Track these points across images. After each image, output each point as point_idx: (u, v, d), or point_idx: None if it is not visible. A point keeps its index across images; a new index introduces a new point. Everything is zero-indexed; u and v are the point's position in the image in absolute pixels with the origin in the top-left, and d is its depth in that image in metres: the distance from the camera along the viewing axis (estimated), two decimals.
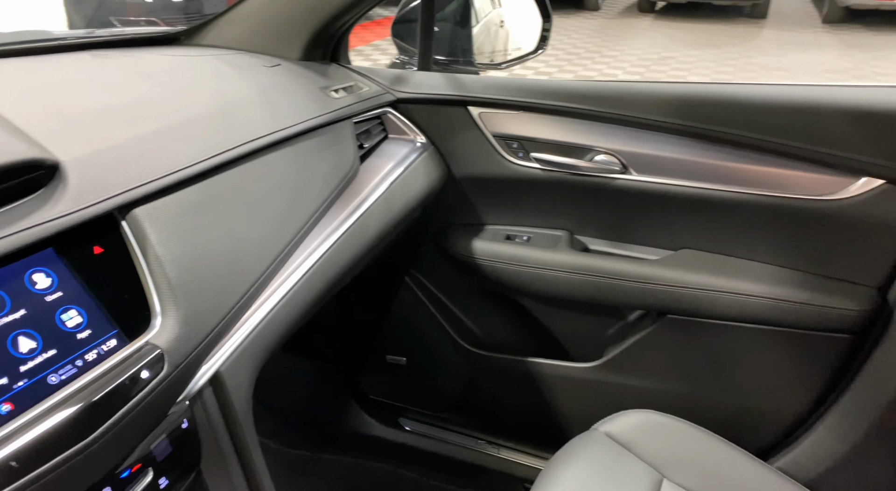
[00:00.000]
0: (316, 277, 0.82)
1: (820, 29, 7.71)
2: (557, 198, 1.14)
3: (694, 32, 7.58)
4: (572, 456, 0.91)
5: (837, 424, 1.03)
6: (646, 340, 1.13)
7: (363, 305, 1.37)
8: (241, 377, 0.70)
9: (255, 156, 0.80)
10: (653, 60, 6.26)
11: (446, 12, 1.34)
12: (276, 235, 0.78)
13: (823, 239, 0.98)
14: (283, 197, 0.82)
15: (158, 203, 0.65)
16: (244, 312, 0.72)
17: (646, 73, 5.85)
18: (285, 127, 0.86)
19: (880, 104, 0.89)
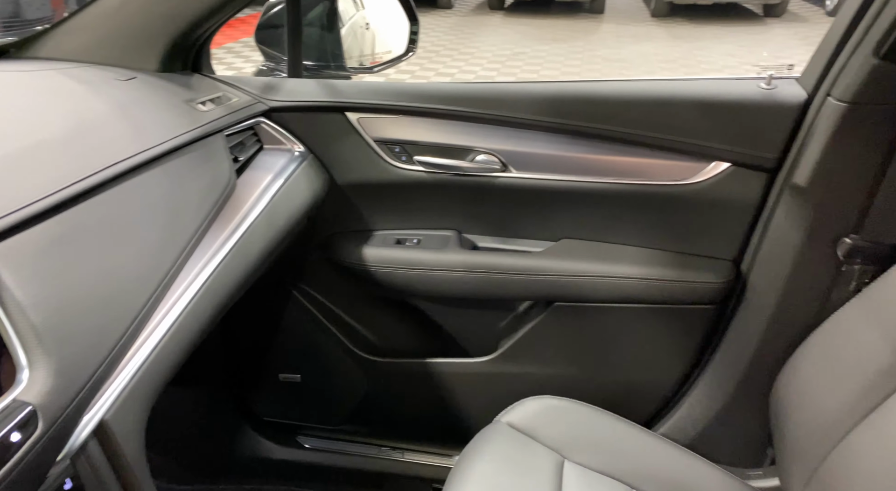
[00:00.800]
0: (202, 303, 0.77)
1: (650, 22, 8.45)
2: (443, 199, 1.15)
3: (541, 28, 8.00)
4: (478, 450, 0.93)
5: (709, 387, 1.14)
6: (537, 328, 1.18)
7: (249, 325, 1.31)
8: (129, 423, 0.64)
9: (119, 180, 0.73)
10: (507, 56, 6.52)
11: (311, 16, 1.31)
12: (154, 264, 0.72)
13: (685, 220, 1.08)
14: (158, 222, 0.76)
15: (12, 242, 0.58)
16: (126, 351, 0.66)
17: (502, 68, 6.08)
18: (151, 146, 0.80)
19: (723, 95, 0.99)
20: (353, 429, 1.36)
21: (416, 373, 1.27)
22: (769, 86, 0.98)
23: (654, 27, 8.12)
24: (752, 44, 7.09)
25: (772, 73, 0.98)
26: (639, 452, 0.96)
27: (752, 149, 0.99)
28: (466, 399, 1.26)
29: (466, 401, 1.26)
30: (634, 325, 1.14)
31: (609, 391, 1.20)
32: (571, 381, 1.20)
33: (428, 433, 1.33)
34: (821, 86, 0.93)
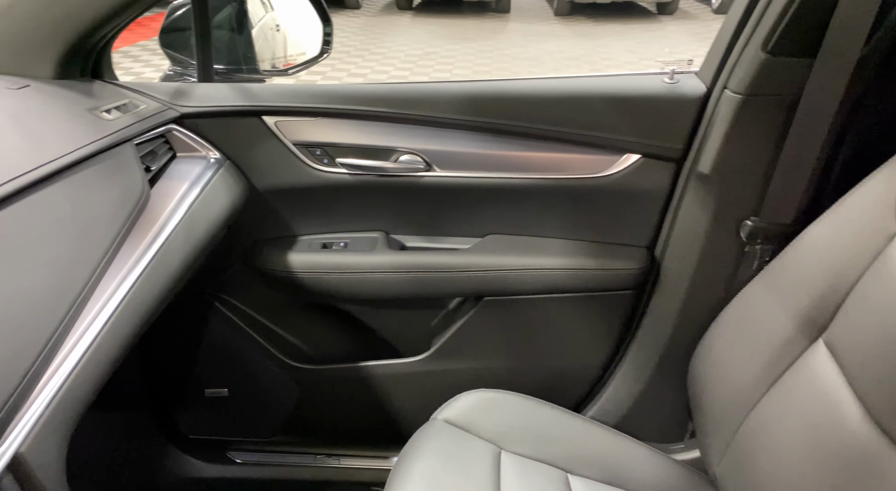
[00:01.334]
0: (120, 322, 0.73)
1: (554, 21, 8.72)
2: (369, 201, 1.14)
3: (451, 27, 8.08)
4: (417, 449, 0.94)
5: (631, 369, 1.20)
6: (468, 324, 1.19)
7: (170, 341, 1.25)
8: (47, 455, 0.60)
9: (18, 197, 0.69)
10: (418, 56, 6.54)
11: (219, 19, 1.26)
12: (65, 284, 0.68)
13: (601, 211, 1.12)
14: (66, 239, 0.71)
15: None
16: (39, 378, 0.62)
17: (414, 68, 6.10)
18: (52, 159, 0.75)
19: (631, 90, 1.04)
20: (286, 439, 1.33)
21: (348, 378, 1.26)
22: (672, 80, 1.04)
23: (558, 26, 8.39)
24: (649, 40, 7.47)
25: (674, 68, 1.04)
26: (571, 436, 1.00)
27: (659, 140, 1.05)
28: (402, 400, 1.26)
29: (402, 401, 1.26)
30: (560, 314, 1.18)
31: (540, 380, 1.23)
32: (504, 372, 1.23)
33: (365, 437, 1.32)
34: (718, 79, 0.99)
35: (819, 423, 0.75)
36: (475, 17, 8.82)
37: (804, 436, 0.76)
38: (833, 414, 0.73)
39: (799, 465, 0.75)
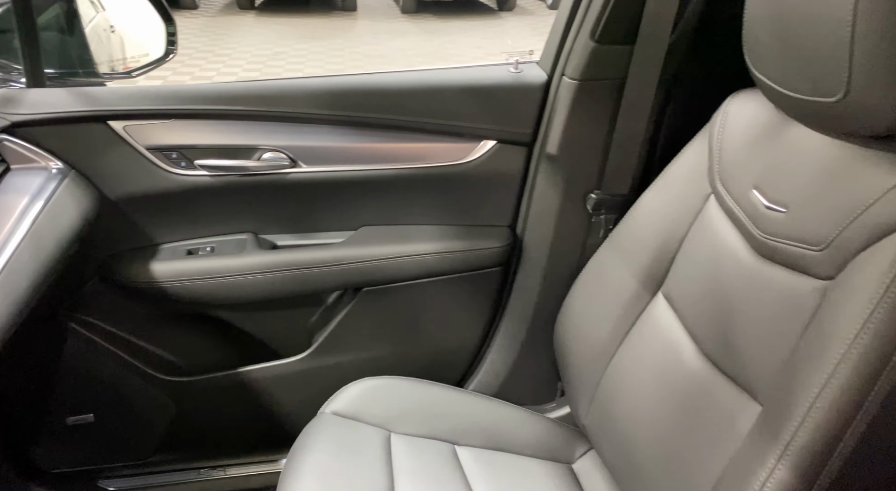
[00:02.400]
0: None
1: (402, 18, 8.83)
2: (233, 202, 1.12)
3: (297, 27, 7.90)
4: (306, 444, 0.94)
5: (505, 340, 1.28)
6: (349, 316, 1.21)
7: (22, 371, 1.15)
8: None
9: None
10: (267, 56, 6.34)
11: (45, 19, 1.17)
12: None
13: (465, 195, 1.19)
14: None
15: None
16: None
17: (263, 68, 5.91)
18: None
19: (482, 81, 1.11)
20: (165, 458, 1.27)
21: (227, 386, 1.22)
22: (517, 70, 1.12)
23: (406, 23, 8.50)
24: (493, 35, 7.80)
25: (517, 58, 1.12)
26: (456, 410, 1.06)
27: (511, 126, 1.13)
28: (287, 400, 1.25)
29: (287, 402, 1.25)
30: (435, 296, 1.23)
31: (422, 362, 1.28)
32: (387, 359, 1.26)
33: (251, 443, 1.29)
34: (556, 67, 1.09)
35: (663, 364, 0.86)
36: (322, 16, 8.70)
37: (652, 376, 0.87)
38: (673, 355, 0.85)
39: (649, 401, 0.86)
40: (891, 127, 0.61)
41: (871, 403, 0.60)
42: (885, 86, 0.58)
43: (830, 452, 0.61)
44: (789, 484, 0.63)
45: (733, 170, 0.82)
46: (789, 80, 0.66)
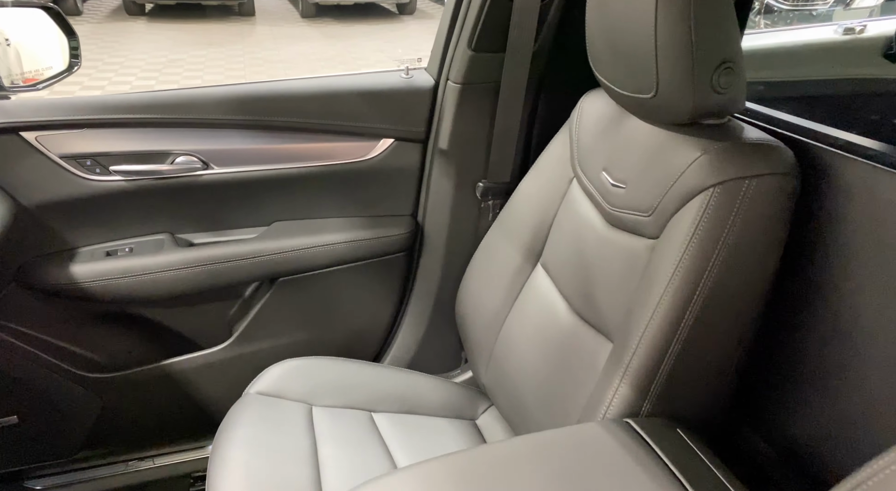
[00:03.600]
0: None
1: (302, 23, 8.79)
2: (149, 204, 1.19)
3: (192, 33, 7.70)
4: (233, 423, 1.03)
5: (413, 317, 1.42)
6: (266, 306, 1.31)
7: None
8: None
9: None
10: (163, 64, 6.17)
11: None
12: None
13: (370, 189, 1.32)
14: None
15: None
16: None
17: (160, 76, 5.75)
18: None
19: (378, 85, 1.24)
20: (91, 454, 1.31)
21: (152, 378, 1.29)
22: (408, 76, 1.26)
23: (307, 28, 8.48)
24: (395, 39, 7.94)
25: (408, 65, 1.26)
26: (371, 382, 1.18)
27: (406, 126, 1.27)
28: (211, 389, 1.33)
29: (211, 390, 1.33)
30: (347, 282, 1.35)
31: (340, 342, 1.39)
32: (306, 343, 1.37)
33: (179, 432, 1.36)
34: (441, 72, 1.24)
35: (543, 323, 1.03)
36: (219, 22, 8.51)
37: (535, 334, 1.03)
38: (551, 314, 1.01)
39: (532, 355, 1.02)
40: (691, 116, 0.80)
41: (684, 328, 0.79)
42: (681, 86, 0.76)
43: (657, 367, 0.79)
44: (629, 397, 0.81)
45: (587, 156, 1.00)
46: (620, 80, 0.84)
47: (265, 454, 0.97)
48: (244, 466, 0.95)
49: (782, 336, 0.94)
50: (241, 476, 0.94)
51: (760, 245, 0.79)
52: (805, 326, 0.91)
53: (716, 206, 0.78)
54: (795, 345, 0.92)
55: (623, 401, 0.81)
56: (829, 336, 0.87)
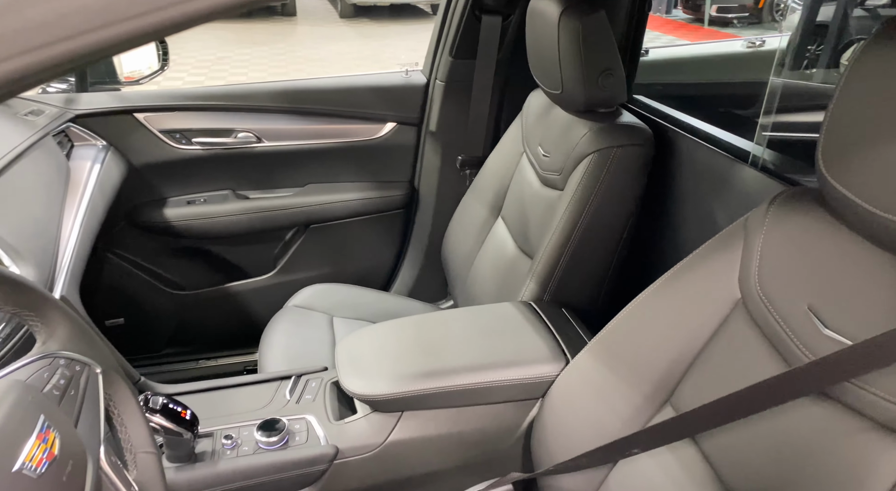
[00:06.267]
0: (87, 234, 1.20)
1: (340, 23, 9.29)
2: (218, 167, 1.65)
3: (238, 32, 8.27)
4: (275, 323, 1.48)
5: (411, 259, 1.85)
6: (302, 246, 1.76)
7: None
8: (73, 294, 1.08)
9: (12, 165, 1.13)
10: (211, 61, 6.73)
11: None
12: (50, 213, 1.14)
13: (377, 161, 1.75)
14: (43, 189, 1.16)
15: None
16: (57, 259, 1.08)
17: (209, 73, 6.30)
18: (20, 142, 1.19)
19: (385, 82, 1.68)
20: (173, 351, 1.79)
21: (216, 297, 1.75)
22: (407, 75, 1.70)
23: (345, 28, 8.98)
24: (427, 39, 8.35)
25: (407, 67, 1.70)
26: (377, 303, 1.62)
27: (405, 113, 1.71)
28: (259, 306, 1.79)
29: (259, 307, 1.79)
30: (361, 230, 1.79)
31: (355, 274, 1.84)
32: (330, 274, 1.82)
33: (234, 338, 1.82)
34: (431, 73, 1.67)
35: (497, 256, 1.44)
36: (262, 21, 9.07)
37: (491, 265, 1.45)
38: (502, 250, 1.43)
39: (489, 278, 1.44)
40: (585, 106, 1.21)
41: (571, 245, 1.20)
42: (576, 85, 1.18)
43: (553, 271, 1.21)
44: (534, 290, 1.23)
45: (530, 135, 1.41)
46: (545, 81, 1.26)
47: (297, 342, 1.42)
48: (283, 347, 1.40)
49: (641, 251, 1.35)
50: (280, 353, 1.39)
51: (624, 191, 1.20)
52: (654, 244, 1.32)
53: (594, 165, 1.19)
54: (648, 256, 1.33)
55: (531, 292, 1.24)
56: (668, 249, 1.28)
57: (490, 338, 1.10)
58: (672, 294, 0.83)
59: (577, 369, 0.96)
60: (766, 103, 1.10)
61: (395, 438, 1.02)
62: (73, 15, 0.25)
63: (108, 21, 0.26)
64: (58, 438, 0.56)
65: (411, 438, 1.03)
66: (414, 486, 1.06)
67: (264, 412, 1.05)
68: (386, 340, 1.09)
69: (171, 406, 0.91)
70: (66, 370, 0.64)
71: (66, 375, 0.64)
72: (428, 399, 1.01)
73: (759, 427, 0.68)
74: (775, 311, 0.68)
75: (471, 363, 1.03)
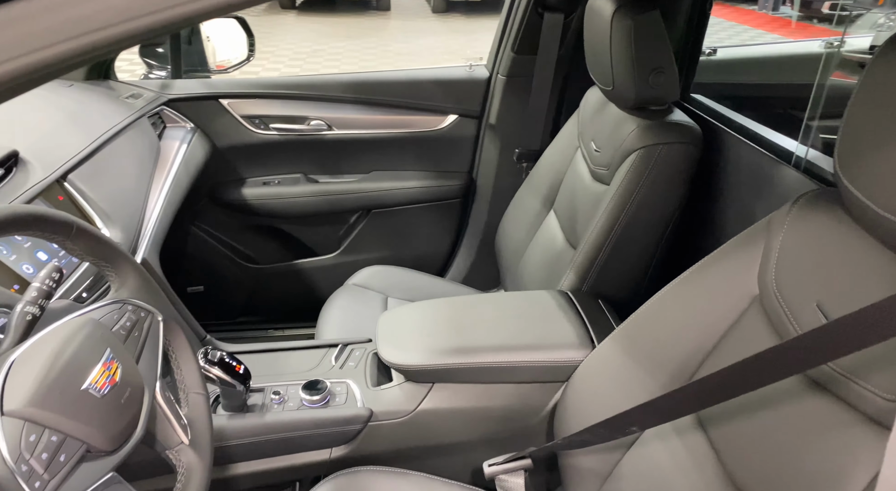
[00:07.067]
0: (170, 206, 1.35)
1: (432, 18, 9.45)
2: (292, 152, 1.78)
3: (334, 26, 8.60)
4: (334, 299, 1.59)
5: (466, 247, 1.92)
6: (364, 229, 1.87)
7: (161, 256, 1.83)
8: (153, 258, 1.22)
9: (110, 142, 1.28)
10: (307, 54, 7.05)
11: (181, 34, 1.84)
12: (139, 185, 1.29)
13: (438, 151, 1.83)
14: (135, 163, 1.32)
15: (81, 170, 1.13)
16: (142, 225, 1.23)
17: (304, 64, 6.61)
18: (118, 122, 1.35)
19: (450, 76, 1.75)
20: (245, 320, 1.94)
21: (285, 272, 1.89)
22: (470, 70, 1.76)
23: (435, 22, 9.13)
24: None
25: (472, 62, 1.76)
26: (430, 287, 1.70)
27: (467, 106, 1.77)
28: (322, 283, 1.92)
29: (322, 284, 1.92)
30: (420, 217, 1.88)
31: (411, 259, 1.93)
32: (389, 257, 1.91)
33: (298, 312, 1.96)
34: (494, 68, 1.73)
35: (546, 247, 1.47)
36: (357, 16, 9.38)
37: (542, 255, 1.48)
38: (552, 242, 1.46)
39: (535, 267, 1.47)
40: (635, 103, 1.23)
41: (612, 238, 1.23)
42: (626, 83, 1.20)
43: (592, 263, 1.24)
44: (573, 280, 1.26)
45: (585, 130, 1.44)
46: (598, 77, 1.29)
47: (351, 317, 1.52)
48: (339, 321, 1.50)
49: (681, 247, 1.35)
50: (335, 325, 1.49)
51: (668, 189, 1.21)
52: (693, 241, 1.32)
53: (639, 161, 1.21)
54: (687, 252, 1.33)
55: (569, 282, 1.27)
56: (708, 247, 1.28)
57: (521, 321, 1.15)
58: (694, 287, 0.85)
59: (600, 356, 1.00)
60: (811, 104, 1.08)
61: (425, 407, 1.09)
62: (106, 11, 0.34)
63: (131, 16, 0.34)
64: (120, 369, 0.67)
65: (440, 408, 1.10)
66: (440, 453, 1.13)
67: (311, 374, 1.15)
68: (423, 317, 1.17)
69: (228, 360, 1.03)
70: (133, 315, 0.76)
71: (132, 320, 0.75)
72: (457, 373, 1.08)
73: (761, 418, 0.70)
74: (786, 306, 0.70)
75: (499, 343, 1.09)
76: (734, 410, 0.73)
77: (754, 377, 0.64)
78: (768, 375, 0.63)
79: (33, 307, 0.71)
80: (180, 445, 0.79)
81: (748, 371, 0.64)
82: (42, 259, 0.97)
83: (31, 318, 0.69)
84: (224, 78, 1.73)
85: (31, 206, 0.67)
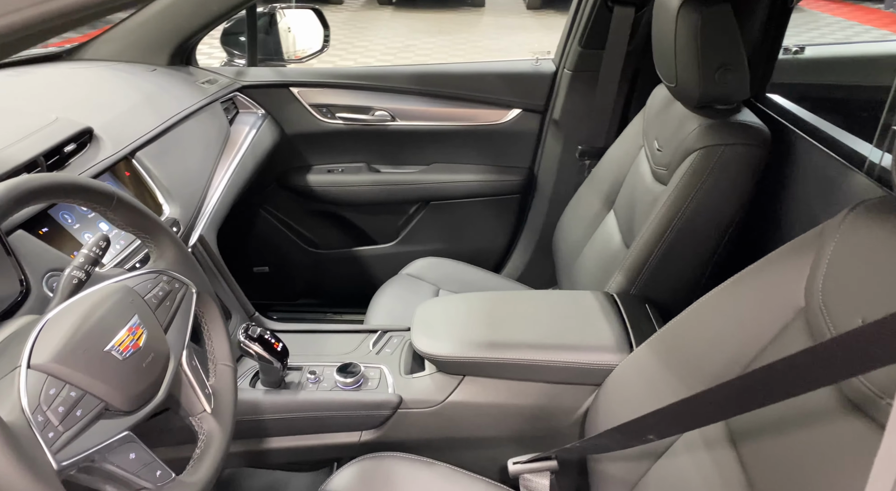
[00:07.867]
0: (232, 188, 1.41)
1: (525, 14, 9.35)
2: (356, 141, 1.82)
3: (428, 22, 8.70)
4: (387, 287, 1.61)
5: (524, 244, 1.89)
6: (422, 220, 1.88)
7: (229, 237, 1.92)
8: (210, 235, 1.28)
9: (181, 123, 1.35)
10: (398, 48, 7.17)
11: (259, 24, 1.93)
12: (205, 166, 1.36)
13: (499, 145, 1.81)
14: (201, 145, 1.39)
15: (149, 148, 1.21)
16: (202, 204, 1.29)
17: (394, 60, 6.72)
18: (190, 105, 1.42)
19: (514, 69, 1.73)
20: (305, 302, 2.01)
21: (346, 258, 1.94)
22: (536, 64, 1.73)
23: (529, 19, 9.03)
24: None
25: (538, 56, 1.73)
26: (483, 281, 1.69)
27: (531, 100, 1.74)
28: (380, 270, 1.95)
29: (378, 271, 1.95)
30: (478, 211, 1.87)
31: (467, 253, 1.92)
32: (444, 249, 1.92)
33: (355, 297, 2.00)
34: (560, 62, 1.68)
35: (602, 248, 1.42)
36: (451, 12, 9.44)
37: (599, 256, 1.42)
38: (609, 243, 1.40)
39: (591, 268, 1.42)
40: (700, 101, 1.16)
41: (666, 238, 1.17)
42: (690, 80, 1.14)
43: (643, 266, 1.19)
44: (621, 283, 1.21)
45: (650, 129, 1.38)
46: (663, 73, 1.23)
47: (401, 306, 1.54)
48: (388, 309, 1.53)
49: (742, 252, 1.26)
50: (384, 313, 1.52)
51: (728, 191, 1.14)
52: (754, 247, 1.23)
53: (698, 162, 1.14)
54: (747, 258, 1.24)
55: (617, 284, 1.23)
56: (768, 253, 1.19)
57: (558, 321, 1.12)
58: (737, 296, 0.81)
59: (635, 361, 0.96)
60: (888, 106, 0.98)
61: (455, 399, 1.09)
62: None
63: None
64: (144, 335, 0.71)
65: (469, 401, 1.09)
66: (466, 446, 1.12)
67: (347, 358, 1.17)
68: (460, 309, 1.16)
69: (267, 337, 1.07)
70: (167, 286, 0.80)
71: (165, 290, 0.79)
72: (488, 367, 1.07)
73: (793, 436, 0.66)
74: (830, 320, 0.65)
75: (533, 340, 1.07)
76: (766, 426, 0.70)
77: (779, 387, 0.59)
78: (794, 385, 0.58)
79: (80, 272, 0.76)
80: (203, 412, 0.82)
81: (772, 380, 0.59)
82: (103, 229, 1.04)
83: (76, 282, 0.75)
84: (296, 67, 1.79)
85: (74, 176, 0.72)
